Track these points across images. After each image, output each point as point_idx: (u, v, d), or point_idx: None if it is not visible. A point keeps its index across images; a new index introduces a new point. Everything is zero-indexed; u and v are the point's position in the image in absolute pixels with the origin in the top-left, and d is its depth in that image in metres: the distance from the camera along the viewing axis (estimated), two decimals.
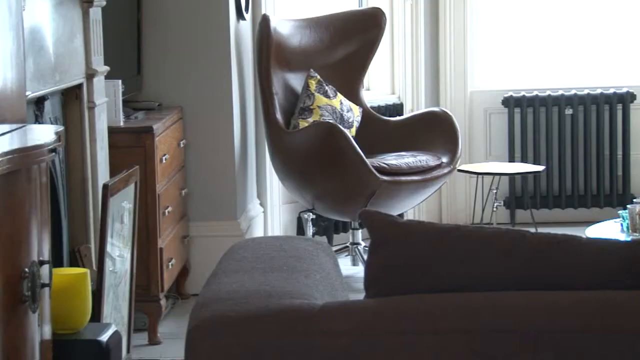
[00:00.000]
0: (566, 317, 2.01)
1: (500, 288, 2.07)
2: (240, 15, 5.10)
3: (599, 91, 6.12)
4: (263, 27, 5.10)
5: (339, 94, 5.29)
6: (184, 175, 4.86)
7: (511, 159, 6.12)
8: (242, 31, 5.18)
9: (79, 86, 3.59)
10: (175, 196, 4.63)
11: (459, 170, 5.49)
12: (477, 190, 5.80)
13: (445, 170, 5.12)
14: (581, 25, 6.28)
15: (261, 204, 5.43)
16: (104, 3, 3.75)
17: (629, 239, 3.77)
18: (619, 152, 6.13)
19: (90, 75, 3.63)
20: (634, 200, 4.40)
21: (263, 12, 5.28)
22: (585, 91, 6.13)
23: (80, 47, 3.56)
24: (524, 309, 2.03)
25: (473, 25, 6.22)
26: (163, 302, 4.31)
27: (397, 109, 5.98)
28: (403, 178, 4.96)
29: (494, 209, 5.66)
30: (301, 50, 5.33)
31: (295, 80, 5.27)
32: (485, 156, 6.21)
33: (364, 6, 5.99)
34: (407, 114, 5.83)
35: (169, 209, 4.44)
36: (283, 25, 5.25)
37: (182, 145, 4.79)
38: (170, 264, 4.41)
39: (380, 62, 5.98)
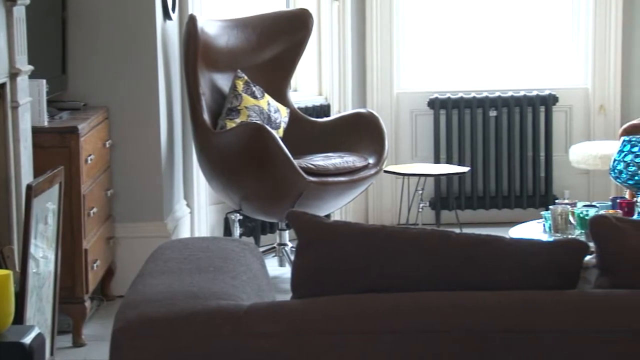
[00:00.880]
0: (492, 317, 2.04)
1: (427, 288, 2.08)
2: (167, 15, 5.07)
3: (522, 93, 6.20)
4: (190, 27, 5.07)
5: (266, 94, 5.29)
6: (109, 175, 4.81)
7: (436, 160, 6.18)
8: (169, 31, 5.15)
9: (2, 85, 3.53)
10: (101, 197, 4.59)
11: (385, 171, 5.52)
12: (403, 191, 5.84)
13: (372, 171, 5.14)
14: (505, 28, 6.35)
15: (188, 205, 5.40)
16: (28, 1, 3.70)
17: (551, 239, 3.83)
18: (542, 153, 6.22)
19: (13, 74, 3.58)
20: (556, 201, 4.47)
21: (190, 12, 5.26)
22: (509, 93, 6.21)
23: (3, 46, 3.50)
24: (450, 309, 2.05)
25: (399, 27, 6.26)
26: (88, 303, 4.27)
27: (324, 110, 6.00)
28: (330, 179, 4.97)
29: (420, 210, 5.70)
30: (228, 50, 5.31)
31: (223, 81, 5.26)
32: (411, 157, 6.25)
33: (291, 7, 5.99)
34: (334, 115, 5.84)
35: (94, 209, 4.39)
36: (210, 25, 5.23)
37: (107, 146, 4.75)
38: (95, 265, 4.36)
39: (307, 63, 5.99)
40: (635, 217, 3.97)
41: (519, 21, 6.34)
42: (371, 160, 5.18)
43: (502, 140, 6.20)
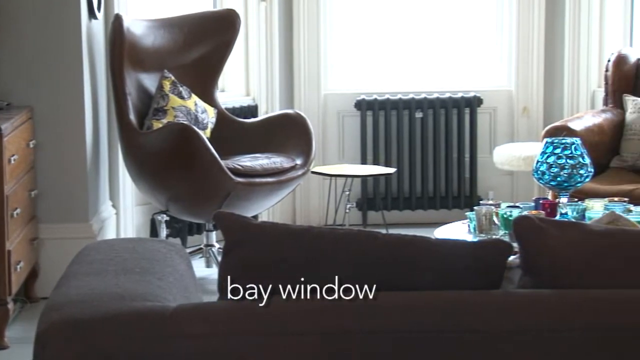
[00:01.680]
0: (418, 317, 2.05)
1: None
2: (92, 15, 5.01)
3: (447, 95, 6.26)
4: (115, 27, 5.03)
5: (193, 95, 5.26)
6: (33, 176, 4.75)
7: (363, 161, 6.21)
8: (94, 30, 5.09)
9: None
10: (25, 197, 4.53)
11: (313, 172, 5.53)
12: (330, 192, 5.86)
13: (299, 172, 5.15)
14: (431, 31, 6.41)
15: (114, 206, 5.35)
16: None
17: (475, 239, 3.87)
18: (467, 154, 6.29)
19: None
20: (481, 202, 4.52)
21: (116, 11, 5.21)
22: (435, 95, 6.26)
23: None
24: (376, 310, 2.06)
25: (327, 28, 6.28)
26: (11, 305, 4.21)
27: (252, 110, 5.99)
28: (257, 180, 4.97)
29: (347, 211, 5.72)
30: (155, 50, 5.28)
31: (149, 81, 5.22)
32: (339, 158, 6.27)
33: (219, 7, 5.98)
34: (261, 115, 5.84)
35: (18, 210, 4.33)
36: (136, 25, 5.19)
37: (31, 146, 4.68)
38: (18, 266, 4.30)
39: (234, 64, 5.98)
40: (557, 217, 4.03)
41: (445, 24, 6.40)
42: (299, 161, 5.19)
43: (428, 141, 6.26)
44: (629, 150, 5.45)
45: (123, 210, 5.39)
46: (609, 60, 5.73)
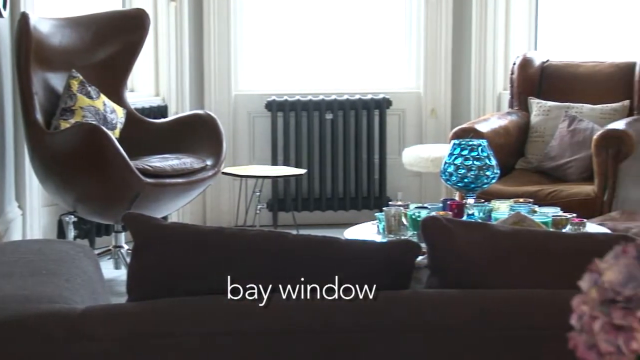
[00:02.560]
0: (328, 317, 2.07)
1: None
2: None
3: (357, 97, 6.31)
4: (22, 26, 4.95)
5: (102, 94, 5.21)
6: None
7: (274, 162, 6.22)
8: (0, 29, 5.01)
9: None
10: None
11: (224, 173, 5.52)
12: (240, 193, 5.85)
13: (210, 173, 5.14)
14: (341, 33, 6.45)
15: (20, 207, 5.27)
16: None
17: (384, 240, 3.91)
18: (376, 156, 6.34)
19: None
20: (390, 202, 4.56)
21: (22, 10, 5.13)
22: (345, 97, 6.30)
23: None
24: (286, 310, 2.07)
25: (237, 29, 6.27)
26: None
27: (162, 111, 5.96)
28: (167, 180, 4.95)
29: (257, 212, 5.73)
30: (62, 49, 5.21)
31: (57, 81, 5.15)
32: (249, 159, 6.28)
33: (127, 7, 5.93)
34: (171, 116, 5.81)
35: None
36: (43, 23, 5.12)
37: None
38: None
39: (144, 64, 5.93)
40: (464, 218, 4.09)
41: (354, 26, 6.45)
42: (209, 162, 5.17)
43: (338, 142, 6.29)
44: (533, 152, 5.56)
45: (29, 211, 5.31)
46: (514, 64, 5.84)
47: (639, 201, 5.28)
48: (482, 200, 4.27)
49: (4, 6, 5.01)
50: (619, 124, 5.14)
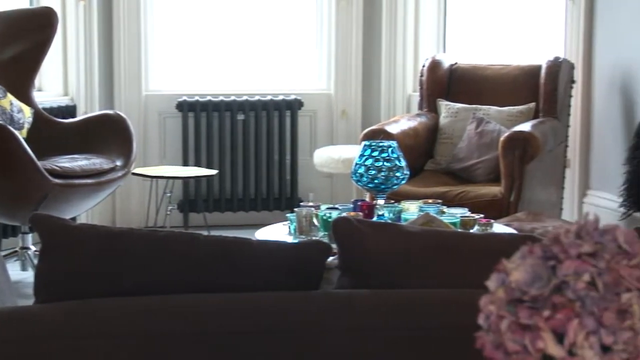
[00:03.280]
0: (240, 319, 2.07)
1: (175, 291, 2.09)
2: None
3: (269, 98, 6.31)
4: None
5: (8, 94, 5.12)
6: None
7: (185, 163, 6.18)
8: None
9: None
10: None
11: (134, 174, 5.47)
12: (151, 194, 5.81)
13: (120, 174, 5.09)
14: (253, 34, 6.45)
15: None
16: None
17: (296, 241, 3.92)
18: (288, 157, 6.35)
19: None
20: (301, 203, 4.57)
21: None
22: (257, 97, 6.30)
23: None
24: (198, 312, 2.06)
25: (147, 28, 6.22)
26: None
27: (70, 110, 5.88)
28: (76, 181, 4.88)
29: (168, 212, 5.69)
30: None
31: None
32: (160, 160, 6.23)
33: (35, 5, 5.84)
34: (80, 116, 5.74)
35: None
36: None
37: None
38: None
39: (52, 63, 5.85)
40: (374, 219, 4.12)
41: (266, 27, 6.45)
42: (119, 163, 5.12)
43: (250, 143, 6.29)
44: (442, 153, 5.63)
45: None
46: (423, 66, 5.90)
47: (545, 202, 5.38)
48: (392, 201, 4.31)
49: None
50: (525, 126, 5.23)
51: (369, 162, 4.25)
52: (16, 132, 4.73)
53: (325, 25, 6.41)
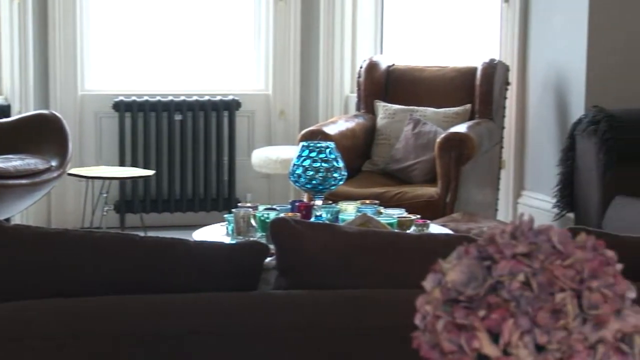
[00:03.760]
0: (178, 320, 2.06)
1: (112, 292, 2.08)
2: None
3: (207, 98, 6.28)
4: None
5: None
6: None
7: (122, 163, 6.13)
8: None
9: None
10: None
11: (69, 174, 5.42)
12: (87, 194, 5.76)
13: (55, 174, 5.04)
14: (191, 33, 6.42)
15: None
16: None
17: (233, 241, 3.91)
18: (225, 157, 6.33)
19: None
20: (239, 204, 4.57)
21: None
22: (194, 98, 6.27)
23: None
24: (136, 313, 2.05)
25: (83, 27, 6.16)
26: None
27: (4, 110, 5.80)
28: (10, 182, 4.82)
29: (104, 213, 5.64)
30: None
31: None
32: (96, 160, 6.17)
33: None
34: (14, 115, 5.67)
35: None
36: None
37: None
38: None
39: None
40: (312, 219, 4.13)
41: (204, 26, 6.43)
42: (54, 163, 5.07)
43: (187, 144, 6.26)
44: (379, 154, 5.66)
45: None
46: (361, 67, 5.93)
47: (480, 203, 5.44)
48: (330, 202, 4.32)
49: None
50: (461, 128, 5.28)
51: (306, 162, 4.26)
52: None
53: (263, 25, 6.41)
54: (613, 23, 5.38)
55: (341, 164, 4.31)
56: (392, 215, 4.17)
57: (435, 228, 4.17)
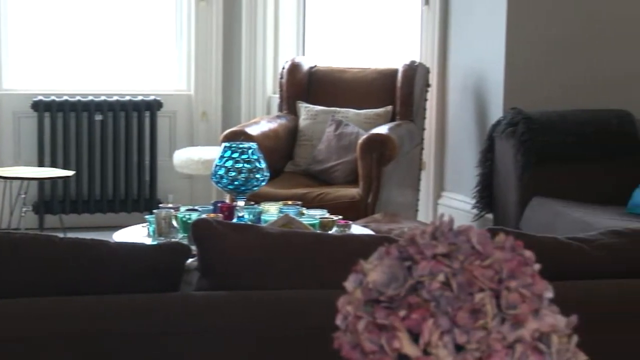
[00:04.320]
0: (102, 322, 2.04)
1: (30, 294, 2.05)
2: None
3: (128, 98, 6.23)
4: None
5: None
6: None
7: (41, 164, 6.05)
8: None
9: None
10: None
11: None
12: (5, 195, 5.67)
13: None
14: (112, 33, 6.36)
15: None
16: None
17: (155, 242, 3.88)
18: (147, 158, 6.28)
19: None
20: (160, 205, 4.54)
21: None
22: (115, 98, 6.21)
23: None
24: (57, 315, 2.03)
25: (1, 25, 6.07)
26: None
27: None
28: None
29: (23, 214, 5.56)
30: None
31: None
32: (14, 160, 6.08)
33: None
34: None
35: None
36: None
37: None
38: None
39: None
40: (234, 220, 4.12)
41: (125, 26, 6.37)
42: None
43: (108, 144, 6.20)
44: (301, 155, 5.67)
45: None
46: (283, 68, 5.93)
47: (401, 203, 5.48)
48: (252, 203, 4.32)
49: None
50: (383, 129, 5.32)
51: (229, 163, 4.25)
52: None
53: (185, 25, 6.37)
54: (531, 26, 5.47)
55: (263, 165, 4.31)
56: (314, 216, 4.18)
57: (356, 229, 4.19)
